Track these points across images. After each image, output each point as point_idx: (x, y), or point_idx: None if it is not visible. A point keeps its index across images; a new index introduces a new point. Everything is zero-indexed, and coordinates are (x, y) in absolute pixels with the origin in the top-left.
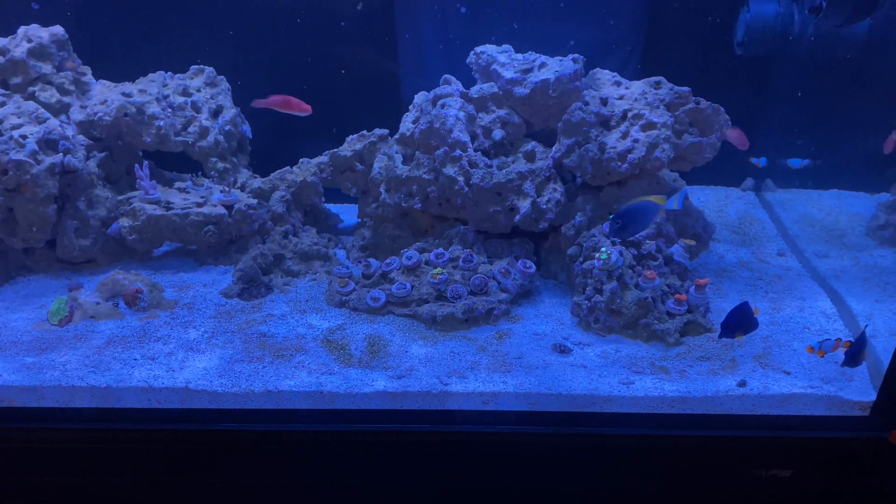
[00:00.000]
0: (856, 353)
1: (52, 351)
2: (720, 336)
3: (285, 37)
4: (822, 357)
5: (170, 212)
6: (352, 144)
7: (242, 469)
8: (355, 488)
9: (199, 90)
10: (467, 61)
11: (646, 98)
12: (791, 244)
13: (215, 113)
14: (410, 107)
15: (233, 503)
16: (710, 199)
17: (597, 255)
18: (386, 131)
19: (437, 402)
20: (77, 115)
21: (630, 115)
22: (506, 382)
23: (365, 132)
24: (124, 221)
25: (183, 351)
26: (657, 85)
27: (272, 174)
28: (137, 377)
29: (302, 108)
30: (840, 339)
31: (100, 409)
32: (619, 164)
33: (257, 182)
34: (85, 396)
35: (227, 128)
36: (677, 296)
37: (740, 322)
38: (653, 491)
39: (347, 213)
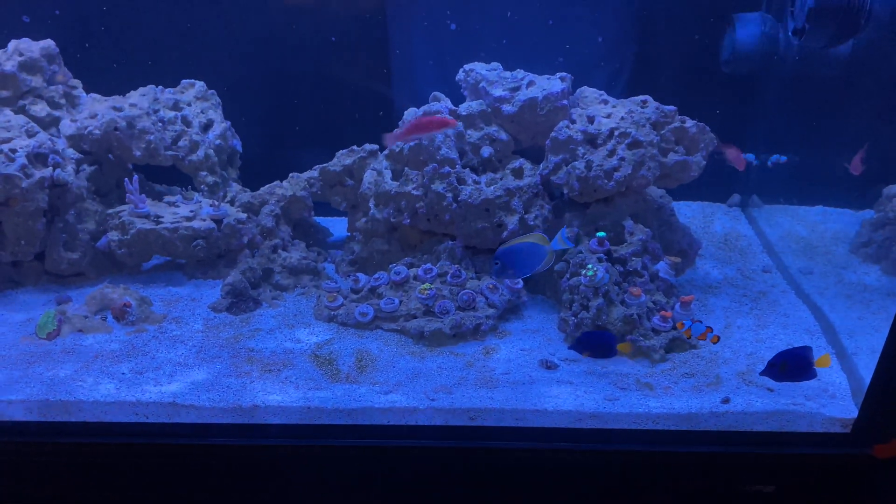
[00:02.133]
0: (776, 364)
1: (40, 364)
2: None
3: (277, 51)
4: (688, 338)
5: (159, 226)
6: (341, 159)
7: (230, 484)
8: None
9: (189, 104)
10: (457, 78)
11: (632, 117)
12: (776, 260)
13: (206, 127)
14: (400, 123)
15: None
16: (696, 215)
17: (583, 271)
18: (376, 147)
19: (424, 417)
20: (67, 128)
21: (616, 133)
22: (492, 398)
23: (355, 147)
24: (113, 235)
25: (171, 365)
26: (643, 104)
27: (262, 188)
28: (125, 391)
29: (446, 124)
30: (711, 329)
31: (87, 423)
32: (606, 181)
33: (247, 196)
34: (72, 410)
35: (218, 142)
36: (663, 312)
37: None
38: None
39: (337, 228)
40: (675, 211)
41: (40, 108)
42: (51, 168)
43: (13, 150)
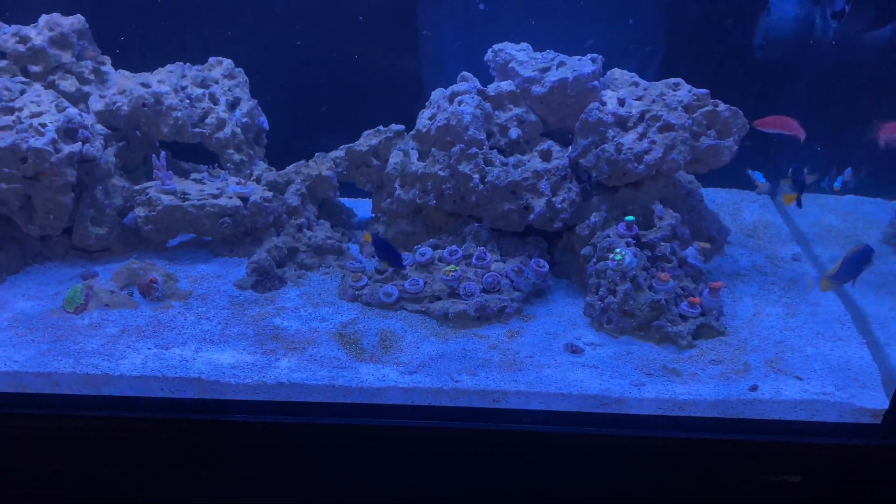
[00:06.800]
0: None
1: (67, 338)
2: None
3: (303, 30)
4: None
5: (186, 202)
6: (368, 139)
7: (253, 461)
8: (363, 482)
9: (216, 82)
10: (485, 59)
11: (664, 99)
12: (806, 249)
13: (233, 105)
14: (427, 103)
15: (242, 494)
16: (725, 202)
17: (611, 255)
18: (402, 127)
19: (447, 398)
20: (96, 104)
21: (647, 116)
22: (517, 381)
23: (381, 127)
24: (140, 211)
25: (196, 341)
26: (675, 86)
27: (288, 167)
28: (151, 366)
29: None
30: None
31: (113, 397)
32: (636, 165)
33: (273, 175)
34: (98, 384)
35: (244, 120)
36: (691, 298)
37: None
38: (661, 493)
39: (361, 208)
40: (703, 197)
41: (70, 84)
42: (80, 143)
43: (43, 125)
